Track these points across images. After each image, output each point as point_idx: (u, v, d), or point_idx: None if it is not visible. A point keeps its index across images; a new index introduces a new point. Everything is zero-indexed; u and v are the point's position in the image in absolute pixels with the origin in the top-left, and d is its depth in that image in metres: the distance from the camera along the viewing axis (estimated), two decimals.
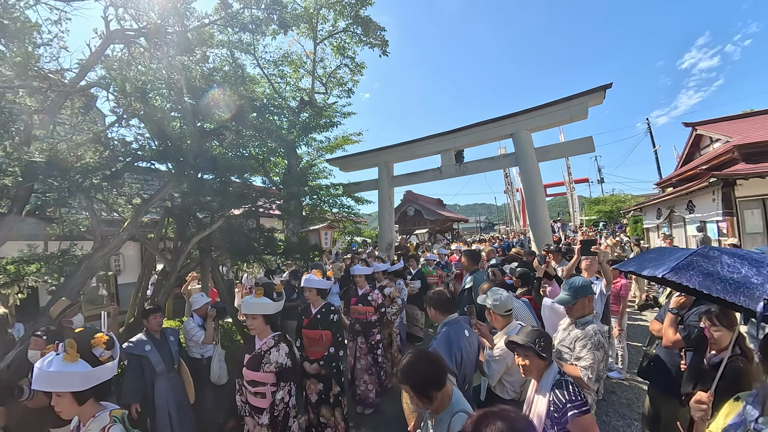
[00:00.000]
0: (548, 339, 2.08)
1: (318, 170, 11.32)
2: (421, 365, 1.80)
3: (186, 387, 3.42)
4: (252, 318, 2.73)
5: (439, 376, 1.79)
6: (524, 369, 2.07)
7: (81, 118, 4.00)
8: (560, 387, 1.90)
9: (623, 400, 4.28)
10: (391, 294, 5.01)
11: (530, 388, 2.16)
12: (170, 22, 3.96)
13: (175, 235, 4.94)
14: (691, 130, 14.34)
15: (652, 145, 22.19)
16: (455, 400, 1.81)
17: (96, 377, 1.56)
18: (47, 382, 1.48)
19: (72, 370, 1.49)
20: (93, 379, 1.55)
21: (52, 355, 1.53)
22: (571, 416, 1.79)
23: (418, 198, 23.72)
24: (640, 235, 15.54)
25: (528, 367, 2.05)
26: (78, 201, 3.65)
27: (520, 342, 2.05)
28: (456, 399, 1.81)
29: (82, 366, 1.52)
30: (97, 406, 1.63)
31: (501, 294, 2.78)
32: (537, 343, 2.00)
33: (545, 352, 2.01)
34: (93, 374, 1.55)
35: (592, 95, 8.01)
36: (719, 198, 9.13)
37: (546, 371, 2.02)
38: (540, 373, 2.04)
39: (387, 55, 10.85)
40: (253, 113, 5.31)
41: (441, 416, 1.80)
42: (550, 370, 2.02)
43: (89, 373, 1.53)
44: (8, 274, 3.42)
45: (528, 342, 2.02)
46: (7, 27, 2.91)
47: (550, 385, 1.95)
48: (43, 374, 1.47)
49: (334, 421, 3.55)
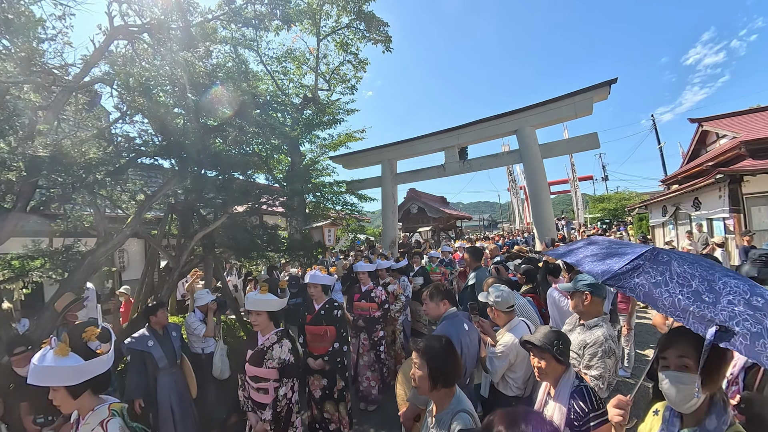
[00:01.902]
0: (567, 341, 1.97)
1: (321, 167, 11.33)
2: (448, 353, 1.84)
3: (188, 382, 3.43)
4: (256, 314, 2.73)
5: (454, 373, 1.81)
6: (539, 372, 1.94)
7: (85, 115, 4.01)
8: (581, 395, 1.80)
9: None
10: (395, 291, 5.00)
11: (542, 390, 2.05)
12: (173, 17, 3.96)
13: (179, 231, 4.95)
14: (697, 126, 14.21)
15: (657, 142, 22.02)
16: (456, 399, 1.80)
17: (89, 371, 1.55)
18: (40, 377, 1.49)
19: (63, 365, 1.49)
20: (86, 373, 1.54)
21: (46, 350, 1.53)
22: (594, 426, 1.73)
23: (421, 195, 23.66)
24: (645, 232, 15.44)
25: (544, 371, 1.92)
26: (82, 197, 3.66)
27: (537, 343, 1.92)
28: (457, 399, 1.81)
29: (74, 360, 1.52)
30: (95, 400, 1.62)
31: (503, 290, 2.77)
32: (555, 346, 1.88)
33: (563, 356, 1.89)
34: (86, 368, 1.54)
35: (597, 90, 7.96)
36: (726, 195, 9.03)
37: (563, 376, 1.90)
38: (557, 378, 1.91)
39: (390, 51, 10.80)
40: (256, 110, 5.31)
41: (441, 416, 1.79)
42: (567, 375, 1.90)
43: (81, 367, 1.53)
44: (13, 270, 3.44)
45: (545, 344, 1.90)
46: (12, 22, 2.91)
47: (568, 392, 1.83)
48: (35, 369, 1.48)
49: (338, 416, 3.55)
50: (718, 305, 1.26)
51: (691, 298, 1.31)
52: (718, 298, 1.29)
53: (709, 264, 1.50)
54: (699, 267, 1.44)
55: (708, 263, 1.51)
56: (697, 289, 1.34)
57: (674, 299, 1.33)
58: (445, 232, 23.52)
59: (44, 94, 3.49)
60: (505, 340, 2.61)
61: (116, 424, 1.56)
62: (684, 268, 1.43)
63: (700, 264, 1.48)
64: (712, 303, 1.28)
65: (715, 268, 1.47)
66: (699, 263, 1.48)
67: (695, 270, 1.42)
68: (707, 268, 1.45)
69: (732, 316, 1.22)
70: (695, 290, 1.34)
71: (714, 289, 1.32)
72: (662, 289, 1.38)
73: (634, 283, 1.44)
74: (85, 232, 4.10)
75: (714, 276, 1.39)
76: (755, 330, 1.16)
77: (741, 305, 1.24)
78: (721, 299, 1.28)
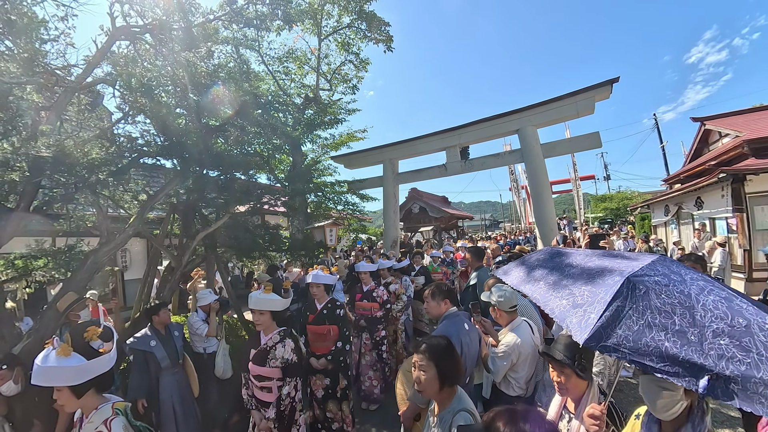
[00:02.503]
0: (590, 354, 1.86)
1: (323, 167, 11.36)
2: (453, 352, 1.85)
3: (190, 381, 3.44)
4: (259, 314, 2.73)
5: (459, 373, 1.83)
6: (559, 387, 1.81)
7: (87, 115, 4.03)
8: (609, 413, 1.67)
9: (630, 398, 4.25)
10: (397, 291, 5.00)
11: (557, 403, 1.93)
12: (175, 18, 3.97)
13: (181, 231, 4.96)
14: (699, 125, 14.15)
15: (660, 141, 21.99)
16: (458, 399, 1.81)
17: (92, 370, 1.57)
18: (44, 378, 1.50)
19: (66, 365, 1.50)
20: (89, 372, 1.56)
21: (49, 350, 1.54)
22: None
23: (422, 195, 23.66)
24: (647, 232, 15.39)
25: (563, 386, 1.79)
26: (84, 197, 3.68)
27: (557, 357, 1.79)
28: (459, 398, 1.81)
29: (76, 360, 1.53)
30: (98, 398, 1.64)
31: (505, 290, 2.76)
32: (576, 360, 1.73)
33: (585, 372, 1.74)
34: (88, 367, 1.55)
35: (599, 89, 7.93)
36: (729, 194, 8.99)
37: (586, 393, 1.76)
38: (578, 395, 1.77)
39: (392, 51, 10.79)
40: (258, 110, 5.32)
41: (443, 414, 1.80)
42: (590, 391, 1.76)
43: (84, 366, 1.54)
44: (16, 269, 3.45)
45: (565, 358, 1.75)
46: (15, 23, 2.92)
47: None
48: (39, 370, 1.49)
49: (341, 415, 3.56)
50: (704, 342, 1.21)
51: (678, 342, 1.24)
52: (702, 332, 1.24)
53: (680, 279, 1.44)
54: (676, 291, 1.37)
55: (679, 277, 1.44)
56: (680, 327, 1.27)
57: (661, 349, 1.25)
58: (447, 231, 23.50)
59: (47, 94, 3.50)
60: (507, 340, 2.61)
61: (120, 423, 1.58)
62: (663, 299, 1.36)
63: (675, 285, 1.40)
64: (698, 342, 1.22)
65: (686, 282, 1.42)
66: (674, 284, 1.41)
67: (673, 297, 1.35)
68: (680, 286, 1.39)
69: (720, 354, 1.18)
70: (679, 329, 1.27)
71: (696, 320, 1.27)
72: (647, 337, 1.29)
73: (618, 337, 1.34)
74: (88, 231, 4.11)
75: (691, 299, 1.33)
76: (744, 368, 1.13)
77: (726, 336, 1.21)
78: (705, 333, 1.24)
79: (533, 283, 1.90)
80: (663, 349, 1.25)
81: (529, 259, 2.21)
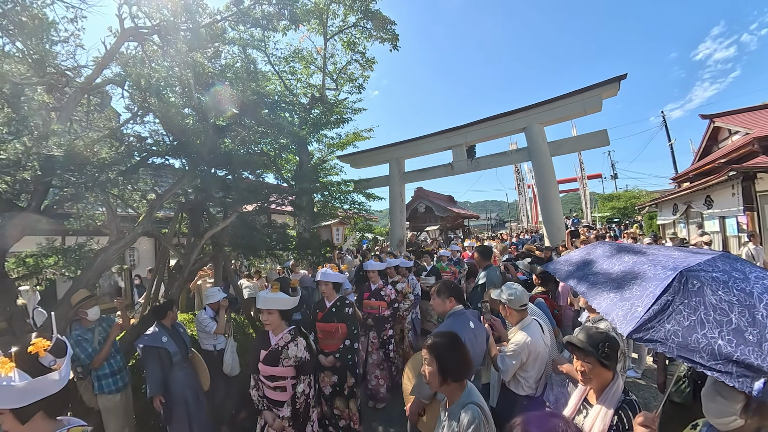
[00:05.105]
0: (614, 344, 1.78)
1: (329, 167, 11.37)
2: (455, 348, 1.85)
3: (200, 374, 3.48)
4: (268, 313, 2.72)
5: (462, 368, 1.83)
6: (583, 376, 1.80)
7: (97, 115, 4.07)
8: (633, 409, 1.66)
9: (639, 399, 4.21)
10: (404, 290, 5.00)
11: (577, 394, 1.93)
12: (182, 19, 3.99)
13: (189, 230, 5.00)
14: (708, 123, 13.98)
15: (668, 139, 21.74)
16: (467, 393, 1.82)
17: (39, 390, 1.30)
18: None
19: (5, 384, 1.24)
20: (35, 393, 1.29)
21: None
22: None
23: (428, 194, 23.62)
24: (655, 231, 15.24)
25: (587, 376, 1.77)
26: (94, 196, 3.71)
27: (579, 345, 1.77)
28: (468, 392, 1.83)
29: (18, 378, 1.28)
30: (50, 423, 1.37)
31: (516, 288, 2.75)
32: (600, 349, 1.71)
33: (609, 360, 1.72)
34: (34, 386, 1.29)
35: (606, 87, 7.87)
36: (739, 192, 8.88)
37: (611, 385, 1.74)
38: (602, 387, 1.75)
39: (397, 50, 10.76)
40: (265, 109, 5.34)
41: (452, 409, 1.82)
42: (614, 385, 1.74)
43: (27, 386, 1.27)
44: (27, 267, 3.50)
45: (588, 346, 1.74)
46: (26, 25, 2.96)
47: (615, 404, 1.70)
48: None
49: (348, 413, 3.57)
50: (765, 343, 1.11)
51: (733, 340, 1.16)
52: (763, 333, 1.14)
53: (742, 276, 1.34)
54: (736, 289, 1.27)
55: (742, 275, 1.35)
56: (738, 325, 1.19)
57: (714, 347, 1.17)
58: (453, 231, 23.44)
59: (57, 95, 3.55)
60: (517, 339, 2.60)
61: None
62: (719, 296, 1.27)
63: (735, 282, 1.30)
64: (757, 342, 1.13)
65: (750, 280, 1.32)
66: (734, 281, 1.31)
67: (732, 294, 1.26)
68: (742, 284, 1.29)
69: None
70: (736, 327, 1.18)
71: (756, 320, 1.18)
72: (698, 334, 1.22)
73: (665, 331, 1.27)
74: (98, 230, 4.16)
75: (753, 297, 1.23)
76: None
77: None
78: (766, 333, 1.14)
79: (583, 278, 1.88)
80: (716, 347, 1.19)
81: (581, 254, 2.18)
